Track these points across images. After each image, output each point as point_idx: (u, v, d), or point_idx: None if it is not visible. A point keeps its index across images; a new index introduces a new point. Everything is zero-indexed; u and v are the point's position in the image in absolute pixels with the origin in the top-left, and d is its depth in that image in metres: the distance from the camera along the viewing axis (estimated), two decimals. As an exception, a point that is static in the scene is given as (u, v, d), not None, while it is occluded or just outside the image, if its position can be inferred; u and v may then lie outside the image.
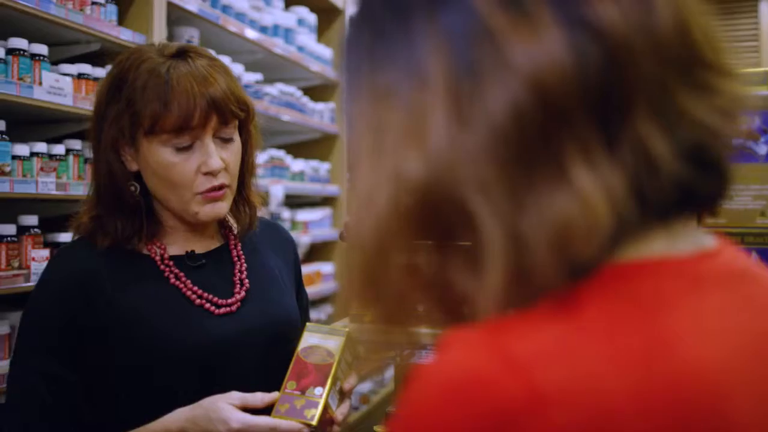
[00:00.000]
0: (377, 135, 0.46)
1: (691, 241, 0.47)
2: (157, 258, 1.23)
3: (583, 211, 0.41)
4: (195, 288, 1.22)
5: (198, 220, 1.22)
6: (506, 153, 0.42)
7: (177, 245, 1.26)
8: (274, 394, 1.13)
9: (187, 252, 1.26)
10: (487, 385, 0.39)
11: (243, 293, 1.26)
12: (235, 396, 1.12)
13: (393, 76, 0.45)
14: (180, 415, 1.12)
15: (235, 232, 1.33)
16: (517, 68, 0.41)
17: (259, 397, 1.13)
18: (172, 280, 1.22)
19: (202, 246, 1.28)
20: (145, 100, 1.15)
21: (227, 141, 1.22)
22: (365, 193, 0.46)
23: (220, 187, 1.21)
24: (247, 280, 1.28)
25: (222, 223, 1.33)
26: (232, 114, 1.20)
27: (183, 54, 1.20)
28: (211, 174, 1.19)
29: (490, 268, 0.42)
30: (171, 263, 1.23)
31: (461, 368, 0.40)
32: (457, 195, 0.43)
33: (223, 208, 1.22)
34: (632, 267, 0.44)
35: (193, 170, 1.18)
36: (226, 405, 1.10)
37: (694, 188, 0.44)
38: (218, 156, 1.19)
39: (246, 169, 1.29)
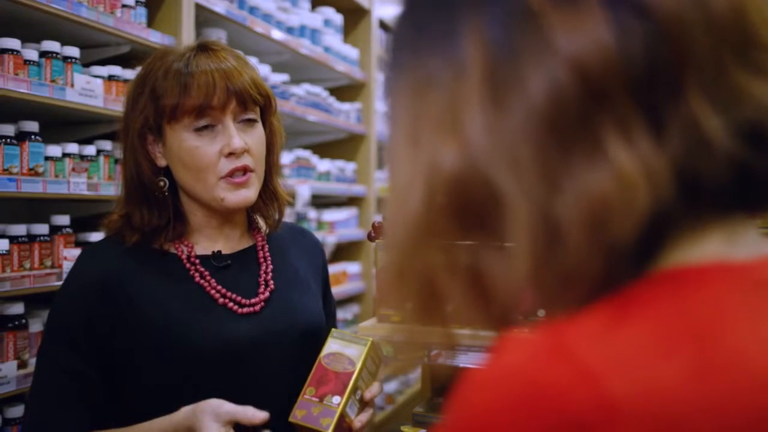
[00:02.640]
0: (415, 128, 0.46)
1: (752, 246, 0.45)
2: (184, 257, 1.24)
3: (618, 186, 0.40)
4: (219, 287, 1.22)
5: (225, 208, 1.22)
6: (543, 135, 0.41)
7: (204, 245, 1.27)
8: (264, 414, 1.10)
9: (213, 252, 1.26)
10: (559, 395, 0.37)
11: (267, 294, 1.26)
12: (226, 408, 1.09)
13: (433, 68, 0.45)
14: (177, 416, 1.12)
15: (264, 233, 1.33)
16: (559, 51, 0.41)
17: (249, 414, 1.09)
18: (197, 279, 1.22)
19: (229, 246, 1.29)
20: (167, 86, 1.18)
21: (249, 126, 1.23)
22: (401, 187, 0.46)
23: (245, 171, 1.21)
24: (272, 282, 1.28)
25: (251, 224, 1.34)
26: (251, 98, 1.21)
27: (204, 47, 1.23)
28: (234, 155, 1.19)
29: (520, 251, 0.41)
30: (197, 262, 1.24)
31: (528, 376, 0.39)
32: (491, 181, 0.42)
33: (249, 195, 1.22)
34: (692, 271, 0.43)
35: (215, 153, 1.19)
36: (212, 425, 1.08)
37: (751, 169, 0.42)
38: (241, 138, 1.20)
39: (271, 163, 1.29)
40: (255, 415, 1.10)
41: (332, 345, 1.17)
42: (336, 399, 1.11)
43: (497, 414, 0.39)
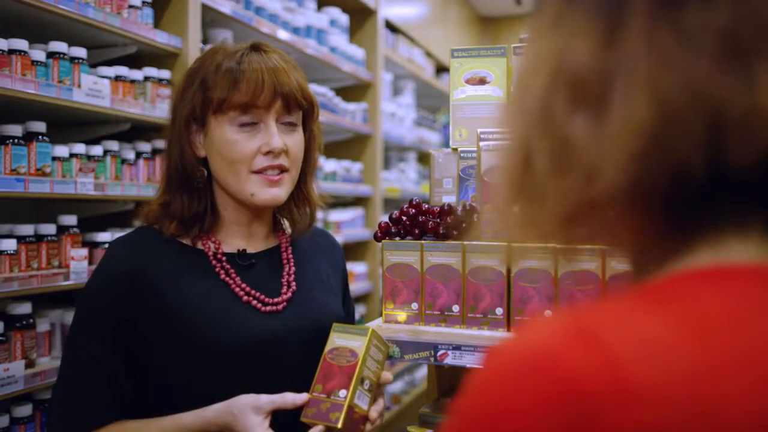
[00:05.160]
0: (562, 11, 0.46)
1: None
2: (210, 253, 1.26)
3: (750, 105, 0.40)
4: (243, 285, 1.25)
5: (253, 203, 1.25)
6: (692, 57, 0.41)
7: (231, 243, 1.29)
8: (305, 396, 1.13)
9: (239, 250, 1.28)
10: (578, 375, 0.38)
11: (290, 294, 1.28)
12: (265, 399, 1.11)
13: None
14: (208, 413, 1.13)
15: (288, 234, 1.36)
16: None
17: (290, 399, 1.12)
18: (222, 276, 1.24)
19: (255, 246, 1.31)
20: (217, 79, 1.22)
21: (290, 129, 1.26)
22: (530, 64, 0.47)
23: (280, 171, 1.24)
24: (294, 282, 1.30)
25: (276, 226, 1.36)
26: (296, 102, 1.25)
27: (257, 48, 1.27)
28: (272, 153, 1.22)
29: (629, 126, 0.42)
30: (223, 259, 1.26)
31: (539, 345, 0.40)
32: (622, 74, 0.43)
33: (280, 193, 1.25)
34: (725, 271, 0.43)
35: (253, 149, 1.22)
36: (255, 418, 1.09)
37: None
38: (280, 138, 1.23)
39: (307, 167, 1.33)
40: (296, 398, 1.12)
41: (335, 340, 1.18)
42: (343, 392, 1.12)
43: (502, 381, 0.39)
